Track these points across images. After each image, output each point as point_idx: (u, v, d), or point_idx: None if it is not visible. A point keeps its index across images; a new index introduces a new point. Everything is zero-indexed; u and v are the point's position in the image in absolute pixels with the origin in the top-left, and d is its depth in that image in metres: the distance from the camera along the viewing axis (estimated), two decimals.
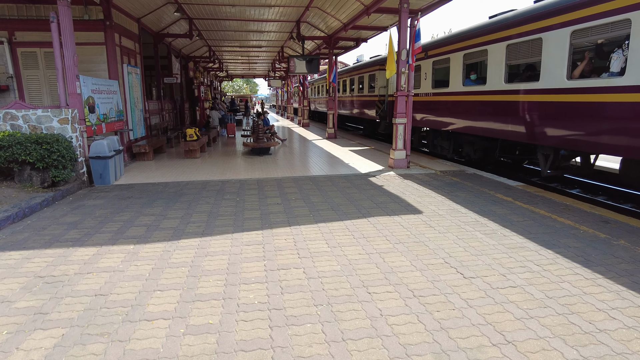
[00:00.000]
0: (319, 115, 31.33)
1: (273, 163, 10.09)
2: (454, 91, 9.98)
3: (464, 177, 8.06)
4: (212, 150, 12.87)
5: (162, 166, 9.79)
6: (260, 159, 10.70)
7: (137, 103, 11.76)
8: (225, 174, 8.63)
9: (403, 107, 8.88)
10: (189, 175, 8.47)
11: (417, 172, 8.61)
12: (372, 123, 17.82)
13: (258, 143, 11.07)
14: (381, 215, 5.43)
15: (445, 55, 10.36)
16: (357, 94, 18.47)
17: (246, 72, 42.12)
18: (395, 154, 8.99)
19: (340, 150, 12.62)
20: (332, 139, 16.36)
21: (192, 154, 10.95)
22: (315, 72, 16.08)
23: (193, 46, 20.49)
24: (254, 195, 6.60)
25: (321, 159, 10.66)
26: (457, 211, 5.66)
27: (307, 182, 7.68)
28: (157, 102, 14.98)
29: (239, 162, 10.32)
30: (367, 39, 16.00)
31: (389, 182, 7.62)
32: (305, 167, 9.37)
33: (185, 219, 5.34)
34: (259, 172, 8.83)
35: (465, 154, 10.51)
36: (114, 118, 9.76)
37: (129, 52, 11.41)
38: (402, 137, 8.97)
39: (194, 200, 6.34)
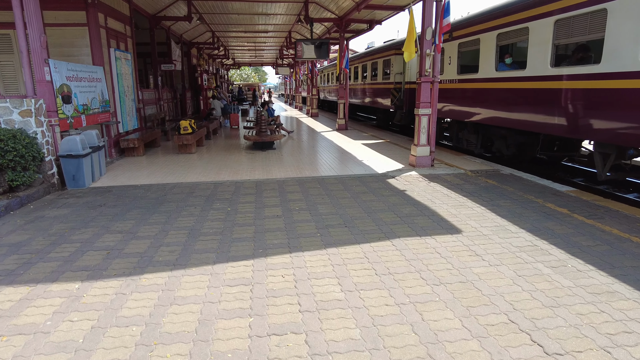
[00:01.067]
0: (329, 105, 29.99)
1: (276, 160, 8.91)
2: (485, 77, 8.64)
3: (500, 180, 6.79)
4: (211, 144, 11.73)
5: (152, 163, 8.68)
6: (263, 155, 9.53)
7: (128, 92, 10.63)
8: (221, 173, 7.48)
9: (427, 95, 7.59)
10: (178, 175, 7.34)
11: (443, 172, 7.36)
12: (386, 113, 16.49)
13: (260, 137, 9.90)
14: (409, 236, 4.23)
15: (474, 37, 8.99)
16: (370, 81, 17.11)
17: (253, 60, 40.81)
18: (417, 151, 7.74)
19: (352, 143, 11.38)
20: (342, 130, 15.11)
21: (186, 149, 9.83)
22: (324, 57, 14.77)
23: (195, 31, 19.27)
24: (249, 204, 5.44)
25: (331, 155, 9.45)
26: (504, 229, 4.43)
27: (314, 185, 6.50)
28: (154, 91, 13.87)
29: (239, 158, 9.17)
30: (381, 21, 14.59)
31: (412, 186, 6.39)
32: (312, 165, 8.17)
33: (159, 239, 4.21)
34: (259, 171, 7.67)
35: (495, 150, 9.20)
36: (98, 109, 8.65)
37: (117, 35, 10.25)
38: (425, 130, 7.70)
39: (176, 210, 5.21)
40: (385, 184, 6.49)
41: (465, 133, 9.99)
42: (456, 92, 9.89)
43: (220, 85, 31.08)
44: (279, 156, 9.37)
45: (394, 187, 6.29)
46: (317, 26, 17.82)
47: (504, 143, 8.82)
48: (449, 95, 10.14)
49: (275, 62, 37.78)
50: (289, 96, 43.59)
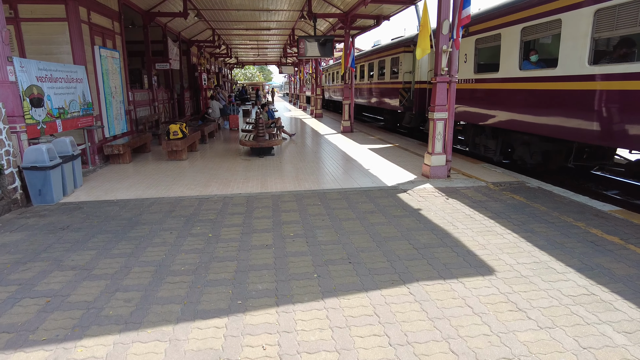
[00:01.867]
0: (334, 105, 29.11)
1: (274, 168, 8.06)
2: (506, 77, 7.72)
3: (529, 195, 5.88)
4: (206, 149, 10.91)
5: (138, 172, 7.87)
6: (260, 162, 8.69)
7: (116, 93, 9.84)
8: (209, 185, 6.64)
9: (443, 96, 6.70)
10: (162, 188, 6.52)
11: (462, 185, 6.46)
12: (393, 114, 15.59)
13: (257, 142, 9.05)
14: (430, 278, 3.36)
15: (493, 31, 8.07)
16: (377, 80, 16.21)
17: (257, 59, 40.02)
18: (431, 160, 6.85)
19: (357, 148, 10.50)
20: (347, 133, 14.23)
21: (176, 155, 9.01)
22: (329, 55, 13.89)
23: (194, 29, 18.49)
24: (235, 229, 4.59)
25: (334, 163, 8.58)
26: (547, 268, 3.54)
27: (314, 201, 5.63)
28: (148, 92, 13.08)
29: (233, 166, 8.33)
30: (389, 16, 13.69)
31: (428, 203, 5.51)
32: (313, 176, 7.31)
33: (117, 281, 3.38)
34: (253, 182, 6.82)
35: (517, 158, 8.27)
36: (78, 112, 7.85)
37: (104, 31, 9.45)
38: (441, 137, 6.81)
39: (147, 237, 4.38)
40: (396, 201, 5.62)
41: (482, 138, 9.07)
42: (472, 93, 8.97)
43: (222, 84, 30.32)
44: (277, 164, 8.52)
45: (407, 205, 5.41)
46: (321, 23, 16.97)
47: (527, 150, 7.90)
48: (465, 97, 9.22)
49: (279, 61, 36.96)
50: (292, 96, 42.77)
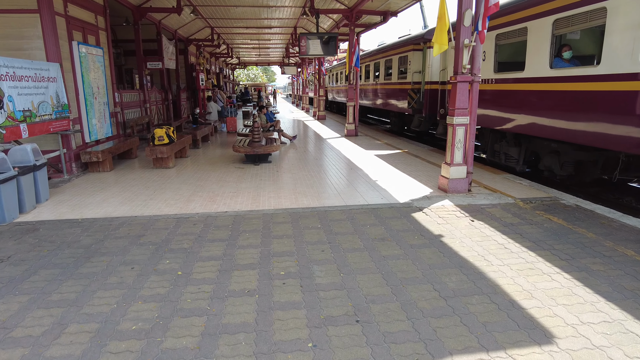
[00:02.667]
0: (337, 106, 28.21)
1: (270, 178, 7.15)
2: (534, 76, 6.78)
3: (568, 216, 4.94)
4: (199, 154, 10.02)
5: (116, 182, 6.99)
6: (254, 171, 7.78)
7: (99, 94, 8.98)
8: (193, 200, 5.74)
9: (465, 99, 5.76)
10: (138, 203, 5.63)
11: (486, 202, 5.52)
12: (401, 117, 14.66)
13: (252, 148, 8.15)
14: (467, 351, 2.43)
15: (518, 25, 7.14)
16: (383, 81, 15.29)
17: (259, 60, 39.20)
18: (450, 172, 5.91)
19: (362, 154, 9.58)
20: (351, 136, 13.31)
21: (162, 163, 8.12)
22: (332, 54, 13.00)
23: (192, 27, 17.66)
24: (212, 263, 3.68)
25: (338, 172, 7.66)
26: (626, 332, 2.61)
27: (313, 223, 4.72)
28: (139, 93, 12.23)
29: (224, 175, 7.43)
30: (397, 12, 12.77)
31: (451, 227, 4.58)
32: (313, 188, 6.39)
33: (38, 349, 2.48)
34: (244, 197, 5.91)
35: (544, 168, 7.32)
36: (50, 115, 6.99)
37: (85, 26, 8.60)
38: (461, 145, 5.87)
39: (102, 273, 3.48)
40: (411, 223, 4.69)
41: (503, 145, 8.12)
42: (492, 95, 8.03)
43: (222, 85, 29.50)
44: (274, 173, 7.61)
45: (425, 230, 4.48)
46: (324, 20, 16.08)
47: (557, 160, 6.95)
48: (483, 99, 8.27)
49: (281, 61, 36.13)
50: (295, 97, 41.92)
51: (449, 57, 9.61)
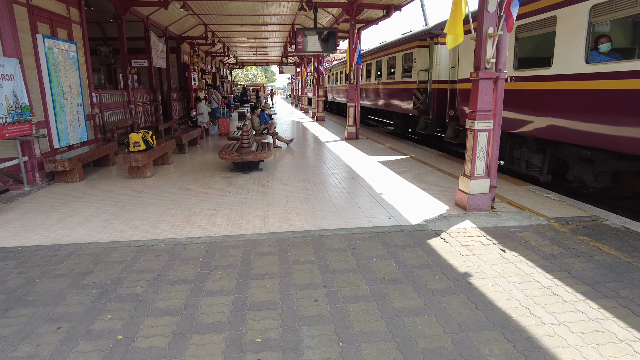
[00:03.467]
0: (337, 107, 27.29)
1: (259, 191, 6.21)
2: (565, 73, 5.84)
3: (621, 244, 4.00)
4: (184, 161, 9.08)
5: (80, 197, 6.06)
6: (242, 181, 6.84)
7: (71, 94, 8.05)
8: (162, 221, 4.80)
9: (488, 99, 4.82)
10: (97, 225, 4.70)
11: (515, 224, 4.59)
12: (405, 119, 13.71)
13: (240, 155, 7.21)
14: None
15: (545, 14, 6.20)
16: (386, 80, 14.35)
17: (257, 59, 38.28)
18: (470, 186, 4.97)
19: (365, 161, 8.64)
20: (352, 140, 12.38)
21: (138, 172, 7.18)
22: (331, 51, 12.09)
23: (184, 24, 16.75)
24: (168, 318, 2.75)
25: (337, 183, 6.72)
26: None
27: (305, 254, 3.78)
28: (122, 93, 11.30)
29: (207, 187, 6.49)
30: (401, 6, 11.84)
31: (478, 260, 3.64)
32: (308, 205, 5.45)
33: None
34: (224, 216, 4.98)
35: (573, 178, 6.38)
36: (4, 119, 6.06)
37: (53, 18, 7.67)
38: (483, 154, 4.94)
39: (14, 338, 2.54)
40: (429, 255, 3.75)
41: (524, 151, 7.18)
42: (512, 94, 7.09)
43: (218, 85, 28.57)
44: (264, 184, 6.68)
45: (447, 266, 3.54)
46: (322, 16, 15.16)
47: (590, 170, 6.01)
48: None
49: (280, 60, 35.20)
50: (294, 97, 41.01)
51: (463, 52, 8.68)
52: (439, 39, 10.30)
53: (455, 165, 8.03)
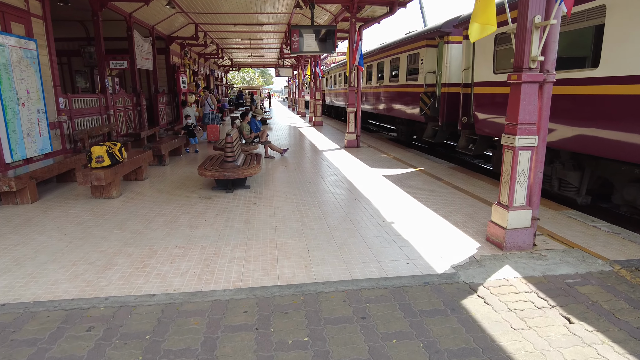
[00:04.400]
0: (335, 111, 26.25)
1: (242, 219, 5.12)
2: (619, 75, 4.78)
3: None
4: (162, 174, 7.98)
5: (26, 224, 4.95)
6: (223, 204, 5.75)
7: (29, 99, 6.96)
8: (112, 265, 3.71)
9: (532, 108, 3.75)
10: (25, 271, 3.59)
11: (569, 272, 3.51)
12: (409, 125, 12.65)
13: (223, 170, 6.12)
14: None
15: (589, 4, 5.16)
16: (389, 83, 13.31)
17: (253, 62, 37.23)
18: (508, 219, 3.89)
19: (368, 175, 7.56)
20: (352, 148, 11.31)
21: (103, 192, 6.09)
22: (330, 51, 11.03)
23: (172, 23, 15.68)
24: None
25: (338, 206, 5.63)
26: None
27: (294, 330, 2.69)
28: (99, 97, 10.20)
29: (178, 213, 5.39)
30: (406, 2, 10.81)
31: (538, 338, 2.56)
32: (301, 239, 4.36)
33: None
34: (192, 259, 3.88)
35: (625, 201, 5.31)
36: None
37: (4, 9, 6.59)
38: (525, 178, 3.87)
39: None
40: (468, 328, 2.67)
41: (556, 167, 6.11)
42: None
43: (213, 88, 27.50)
44: (249, 206, 5.59)
45: (496, 349, 2.46)
46: (320, 14, 14.13)
47: None
48: None
49: (277, 62, 34.17)
50: (292, 100, 39.99)
51: (479, 52, 7.63)
52: (450, 37, 9.26)
53: (473, 182, 6.97)
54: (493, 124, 7.33)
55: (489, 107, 7.42)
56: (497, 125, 7.19)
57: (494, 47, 7.10)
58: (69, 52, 15.94)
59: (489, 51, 7.24)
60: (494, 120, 7.28)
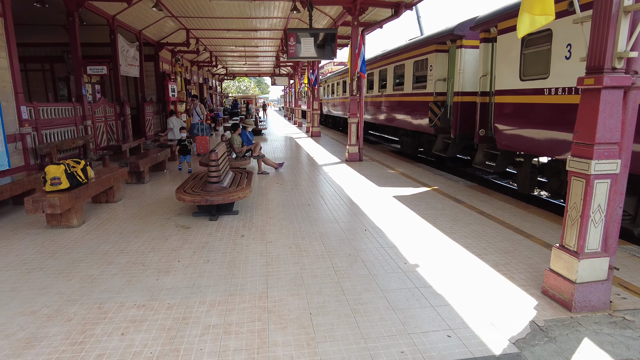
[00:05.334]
0: (333, 121, 25.37)
1: (222, 262, 4.08)
2: None
3: None
4: (140, 194, 6.94)
5: None
6: (204, 237, 4.71)
7: None
8: (34, 344, 2.66)
9: (614, 122, 2.78)
10: None
11: None
12: (415, 137, 11.70)
13: (205, 194, 5.09)
14: None
15: None
16: (392, 92, 12.40)
17: (249, 70, 36.41)
18: (578, 270, 2.90)
19: (376, 197, 6.56)
20: (355, 162, 10.34)
21: (61, 220, 5.04)
22: (329, 57, 10.13)
23: (162, 28, 14.77)
24: None
25: (345, 242, 4.61)
26: None
27: None
28: (74, 106, 9.19)
29: (146, 250, 4.35)
30: (412, 4, 9.95)
31: None
32: (301, 297, 3.34)
33: None
34: (149, 333, 2.84)
35: None
36: None
37: None
38: (601, 216, 2.88)
39: None
40: None
41: None
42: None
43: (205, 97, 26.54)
44: (235, 240, 4.56)
45: None
46: (319, 19, 13.26)
47: None
48: (564, 117, 5.36)
49: (273, 71, 33.35)
50: (288, 110, 39.15)
51: (501, 56, 6.71)
52: (463, 41, 8.36)
53: (498, 205, 5.99)
54: (518, 137, 6.39)
55: (513, 119, 6.49)
56: (524, 139, 6.24)
57: (521, 50, 6.18)
58: (52, 59, 14.95)
59: (515, 55, 6.33)
60: (519, 133, 6.34)
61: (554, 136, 5.60)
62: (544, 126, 5.76)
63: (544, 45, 5.67)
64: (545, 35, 5.63)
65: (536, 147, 6.02)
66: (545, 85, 5.69)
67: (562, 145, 5.45)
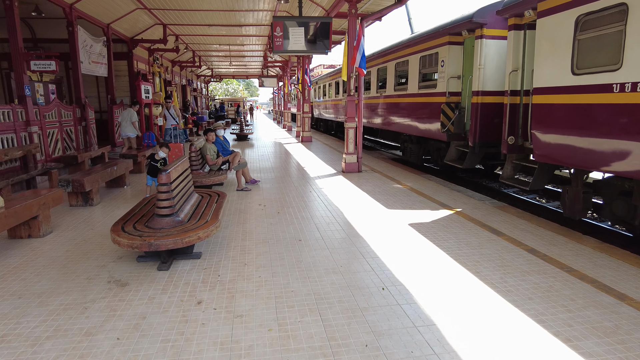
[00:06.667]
0: (324, 124, 23.88)
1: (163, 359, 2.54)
2: None
3: None
4: (81, 222, 5.34)
5: None
6: (142, 304, 3.16)
7: None
8: None
9: None
10: None
11: None
12: (421, 143, 10.24)
13: (148, 235, 3.53)
14: None
15: None
16: (393, 92, 10.94)
17: (236, 71, 34.79)
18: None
19: (387, 224, 5.06)
20: (353, 174, 8.84)
21: None
22: (322, 51, 8.70)
23: (134, 22, 13.17)
24: None
25: (355, 313, 3.09)
26: None
27: None
28: (12, 109, 7.55)
29: (48, 332, 2.79)
30: None
31: None
32: None
33: None
34: None
35: None
36: None
37: None
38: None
39: None
40: None
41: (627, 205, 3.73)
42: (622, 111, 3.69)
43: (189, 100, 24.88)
44: (186, 313, 3.02)
45: None
46: (309, 10, 11.78)
47: None
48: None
49: (260, 73, 31.79)
50: (277, 113, 37.61)
51: (542, 43, 5.26)
52: (484, 30, 6.94)
53: (551, 238, 4.54)
54: (567, 148, 4.95)
55: (561, 124, 5.05)
56: (576, 150, 4.81)
57: (574, 35, 4.76)
58: (9, 56, 13.24)
59: (564, 42, 4.90)
60: (570, 143, 4.91)
61: (628, 147, 4.17)
62: (611, 135, 4.34)
63: (614, 25, 4.25)
64: (616, 12, 4.21)
65: (595, 161, 4.59)
66: (614, 79, 4.26)
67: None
